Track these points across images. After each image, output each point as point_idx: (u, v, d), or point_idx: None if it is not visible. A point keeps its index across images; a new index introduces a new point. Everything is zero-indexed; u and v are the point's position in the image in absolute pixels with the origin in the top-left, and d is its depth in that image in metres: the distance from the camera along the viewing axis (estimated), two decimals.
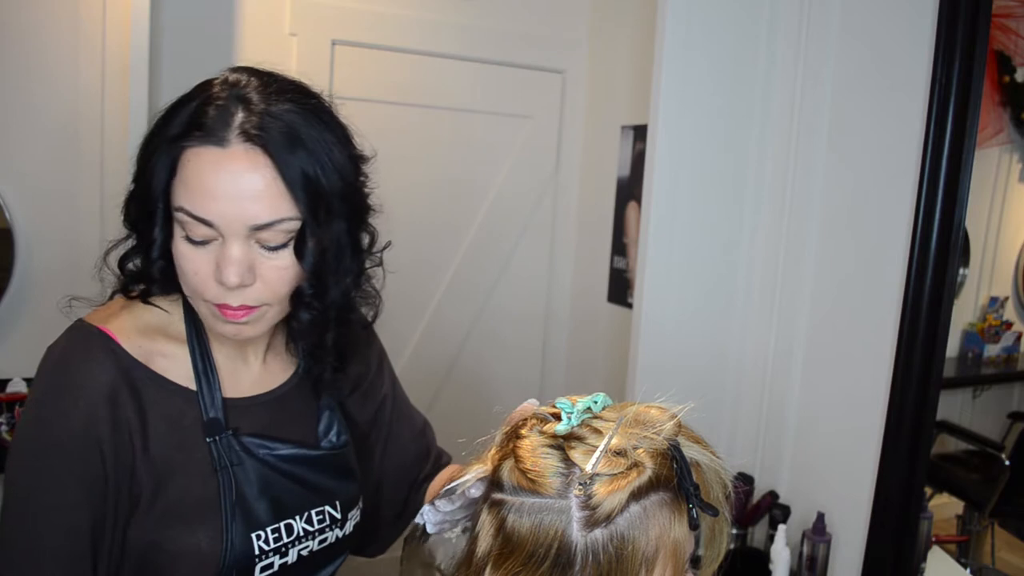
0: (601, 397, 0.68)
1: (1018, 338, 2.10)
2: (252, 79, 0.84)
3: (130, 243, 0.88)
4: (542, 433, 0.67)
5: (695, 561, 0.68)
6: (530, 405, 0.74)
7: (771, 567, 1.75)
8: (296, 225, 0.81)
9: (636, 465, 0.63)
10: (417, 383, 2.68)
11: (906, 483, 1.62)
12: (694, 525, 0.64)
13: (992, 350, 2.09)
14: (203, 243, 0.80)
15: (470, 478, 0.71)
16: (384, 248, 0.96)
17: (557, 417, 0.67)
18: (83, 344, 0.85)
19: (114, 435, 0.82)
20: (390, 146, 2.57)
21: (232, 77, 0.85)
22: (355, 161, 0.88)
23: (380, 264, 0.96)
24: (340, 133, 0.87)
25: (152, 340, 0.88)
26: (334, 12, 2.36)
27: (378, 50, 2.45)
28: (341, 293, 0.89)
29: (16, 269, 2.02)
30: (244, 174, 0.78)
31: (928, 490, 1.88)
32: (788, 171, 1.93)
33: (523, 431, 0.69)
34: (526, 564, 0.63)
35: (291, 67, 2.25)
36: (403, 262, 1.32)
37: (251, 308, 0.83)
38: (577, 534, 0.62)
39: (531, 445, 0.66)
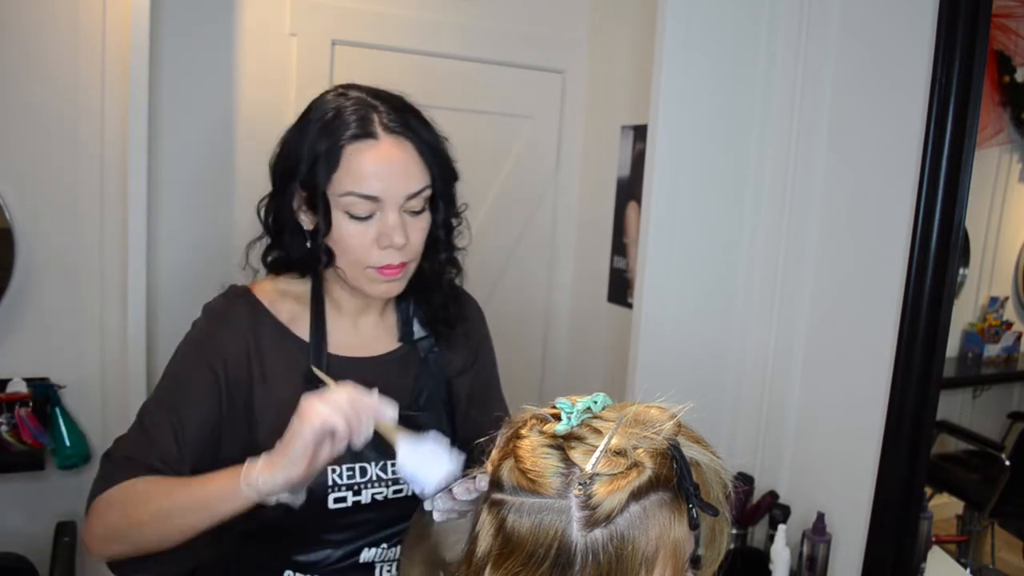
0: (601, 397, 0.68)
1: (1018, 338, 2.11)
2: (359, 91, 1.07)
3: (266, 240, 1.13)
4: (542, 433, 0.67)
5: (695, 561, 0.68)
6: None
7: (771, 567, 1.75)
8: (430, 191, 1.08)
9: (636, 465, 0.63)
10: None
11: (906, 483, 1.62)
12: (694, 525, 0.64)
13: (992, 350, 2.09)
14: (366, 218, 1.03)
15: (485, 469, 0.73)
16: (463, 209, 1.22)
17: (557, 417, 0.67)
18: (230, 294, 1.13)
19: (240, 360, 1.06)
20: None
21: (350, 93, 1.07)
22: (444, 138, 1.13)
23: (463, 220, 1.23)
24: (431, 121, 1.11)
25: (284, 300, 1.13)
26: (334, 12, 2.36)
27: (378, 50, 2.45)
28: (453, 243, 1.19)
29: (16, 269, 2.02)
30: (397, 157, 1.03)
31: (928, 490, 1.88)
32: (788, 171, 1.93)
33: (523, 431, 0.69)
34: (526, 564, 0.63)
35: (291, 67, 2.27)
36: None
37: (404, 264, 1.07)
38: (577, 534, 0.62)
39: (531, 445, 0.66)
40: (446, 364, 1.21)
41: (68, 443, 1.97)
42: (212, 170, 2.20)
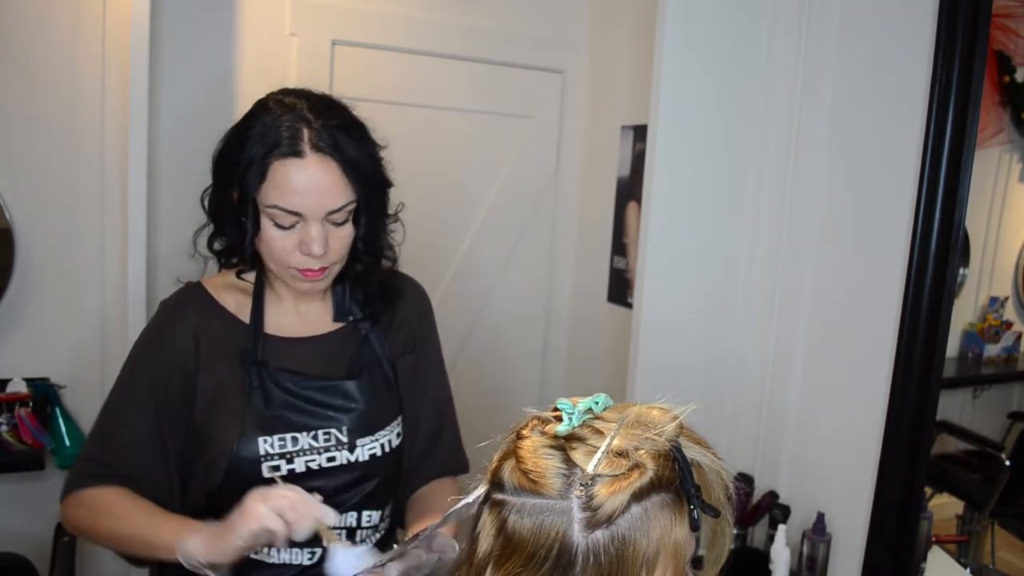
0: (602, 398, 0.68)
1: (1018, 338, 2.11)
2: (302, 101, 1.12)
3: (211, 228, 1.19)
4: (543, 434, 0.67)
5: (697, 562, 0.68)
6: None
7: (771, 567, 1.75)
8: (354, 205, 1.14)
9: (637, 466, 0.63)
10: None
11: (906, 483, 1.62)
12: (695, 526, 0.64)
13: (992, 350, 2.09)
14: (289, 228, 1.10)
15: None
16: (399, 211, 1.30)
17: (558, 418, 0.67)
18: (183, 291, 1.24)
19: (188, 346, 1.17)
20: (390, 146, 2.57)
21: (287, 100, 1.12)
22: (377, 149, 1.20)
23: (398, 220, 1.30)
24: (365, 131, 1.18)
25: (231, 291, 1.23)
26: (334, 12, 2.36)
27: (378, 50, 2.45)
28: (381, 245, 1.24)
29: (16, 269, 2.02)
30: (320, 175, 1.09)
31: (928, 490, 1.88)
32: (788, 171, 1.93)
33: (524, 431, 0.69)
34: (527, 565, 0.63)
35: (291, 67, 2.28)
36: (403, 262, 1.33)
37: (324, 268, 1.15)
38: (578, 535, 0.62)
39: (532, 446, 0.66)
40: (388, 344, 1.29)
41: (68, 443, 1.96)
42: None
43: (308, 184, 1.08)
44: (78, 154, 2.06)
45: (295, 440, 1.16)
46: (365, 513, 1.23)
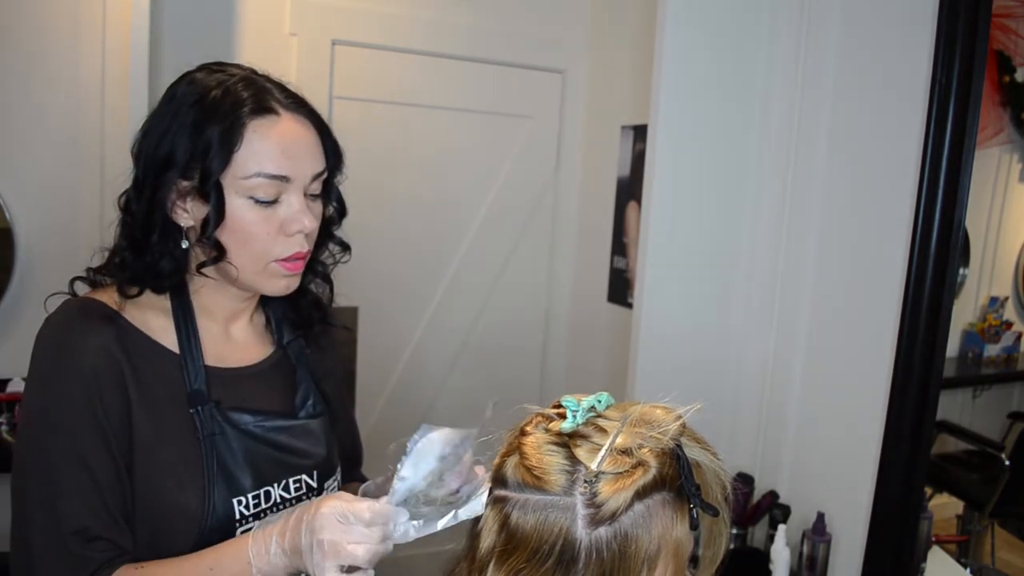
0: (605, 396, 0.68)
1: (1018, 338, 2.11)
2: (236, 68, 0.96)
3: (125, 242, 0.95)
4: (547, 431, 0.67)
5: (694, 560, 0.68)
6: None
7: (771, 567, 1.75)
8: (326, 174, 0.98)
9: (641, 464, 0.63)
10: (417, 383, 2.68)
11: (906, 483, 1.62)
12: (695, 525, 0.65)
13: (992, 350, 2.09)
14: (271, 203, 0.92)
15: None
16: (340, 182, 1.06)
17: (562, 415, 0.67)
18: (79, 307, 0.93)
19: (113, 387, 0.89)
20: (390, 146, 2.58)
21: (215, 68, 0.96)
22: None
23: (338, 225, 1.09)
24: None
25: (146, 312, 0.96)
26: (334, 12, 2.36)
27: (378, 50, 2.45)
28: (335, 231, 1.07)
29: (16, 269, 2.02)
30: (302, 133, 0.94)
31: (928, 490, 1.88)
32: (788, 171, 1.93)
33: (528, 428, 0.69)
34: (530, 561, 0.63)
35: (291, 67, 2.27)
36: (403, 262, 1.33)
37: (308, 253, 0.97)
38: (581, 531, 0.62)
39: (536, 442, 0.66)
40: (315, 366, 1.11)
41: None
42: None
43: (292, 143, 0.92)
44: (78, 154, 2.07)
45: (268, 495, 0.98)
46: None
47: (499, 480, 0.67)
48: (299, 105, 0.95)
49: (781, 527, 1.76)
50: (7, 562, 0.90)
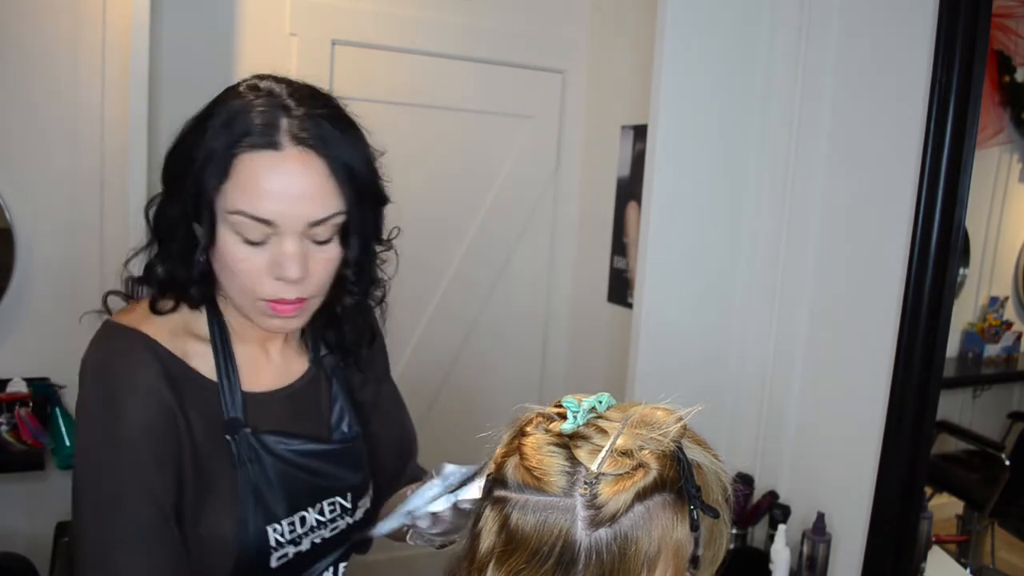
0: (605, 397, 0.68)
1: (1018, 338, 2.11)
2: (281, 86, 0.89)
3: (154, 249, 0.92)
4: (547, 431, 0.67)
5: (694, 561, 0.68)
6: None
7: (771, 567, 1.75)
8: (342, 219, 0.88)
9: (641, 466, 0.63)
10: (417, 383, 2.68)
11: (906, 483, 1.62)
12: (695, 526, 0.64)
13: (992, 350, 2.09)
14: (259, 243, 0.85)
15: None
16: (394, 236, 1.02)
17: (562, 416, 0.67)
18: (123, 343, 0.90)
19: (166, 424, 0.87)
20: (390, 146, 2.57)
21: (263, 85, 0.89)
22: (373, 154, 0.94)
23: (391, 248, 1.03)
24: (359, 129, 0.93)
25: (183, 339, 0.93)
26: (334, 12, 2.36)
27: (378, 50, 2.45)
28: (374, 275, 0.99)
29: (16, 269, 2.02)
30: (300, 175, 0.84)
31: (928, 490, 1.88)
32: (788, 171, 1.93)
33: (528, 428, 0.69)
34: (529, 562, 0.63)
35: (291, 67, 2.27)
36: (403, 262, 1.32)
37: (303, 300, 0.89)
38: (581, 533, 0.62)
39: (536, 443, 0.66)
40: (349, 378, 1.08)
41: (68, 443, 1.96)
42: None
43: (285, 185, 0.83)
44: (78, 154, 2.06)
45: (303, 520, 0.96)
46: (341, 564, 1.08)
47: (499, 481, 0.67)
48: (318, 140, 0.85)
49: (781, 527, 1.76)
50: (6, 563, 0.90)
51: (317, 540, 0.99)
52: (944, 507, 2.06)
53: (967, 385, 2.13)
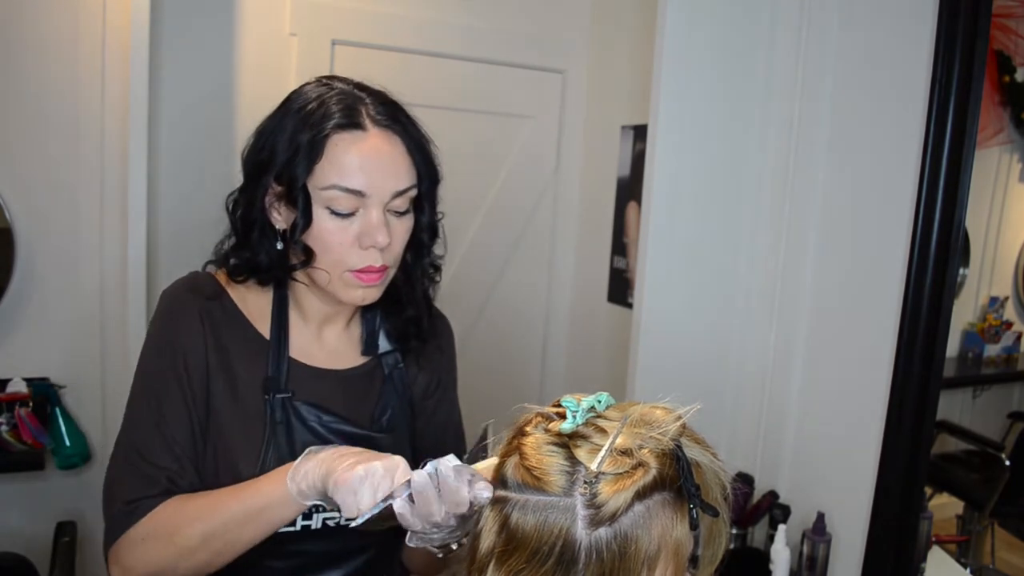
0: (605, 396, 0.68)
1: (1018, 338, 2.11)
2: (344, 83, 1.03)
3: (232, 240, 1.04)
4: (547, 431, 0.67)
5: (694, 560, 0.68)
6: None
7: (771, 567, 1.75)
8: (415, 192, 1.01)
9: (641, 465, 0.63)
10: None
11: (906, 483, 1.62)
12: (694, 525, 0.64)
13: (992, 350, 2.10)
14: (348, 215, 0.96)
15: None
16: (440, 219, 1.11)
17: (561, 415, 0.67)
18: (190, 280, 1.05)
19: (194, 354, 0.99)
20: None
21: (330, 82, 1.03)
22: (429, 137, 1.06)
23: (441, 229, 1.13)
24: (413, 117, 1.05)
25: (248, 293, 1.05)
26: (334, 12, 2.36)
27: (378, 50, 2.45)
28: (433, 252, 1.11)
29: (16, 269, 2.02)
30: (385, 151, 0.97)
31: (928, 490, 1.88)
32: (788, 171, 1.93)
33: (528, 428, 0.69)
34: (529, 561, 0.63)
35: (291, 67, 2.27)
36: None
37: (384, 268, 1.00)
38: (581, 532, 0.62)
39: (536, 443, 0.66)
40: (411, 383, 1.14)
41: (68, 443, 1.97)
42: (212, 170, 2.20)
43: (372, 159, 0.95)
44: (78, 154, 2.06)
45: None
46: None
47: (499, 480, 0.67)
48: (393, 121, 0.99)
49: (781, 527, 1.76)
50: (6, 563, 0.92)
51: (330, 522, 1.02)
52: (944, 507, 2.06)
53: (967, 385, 2.13)
